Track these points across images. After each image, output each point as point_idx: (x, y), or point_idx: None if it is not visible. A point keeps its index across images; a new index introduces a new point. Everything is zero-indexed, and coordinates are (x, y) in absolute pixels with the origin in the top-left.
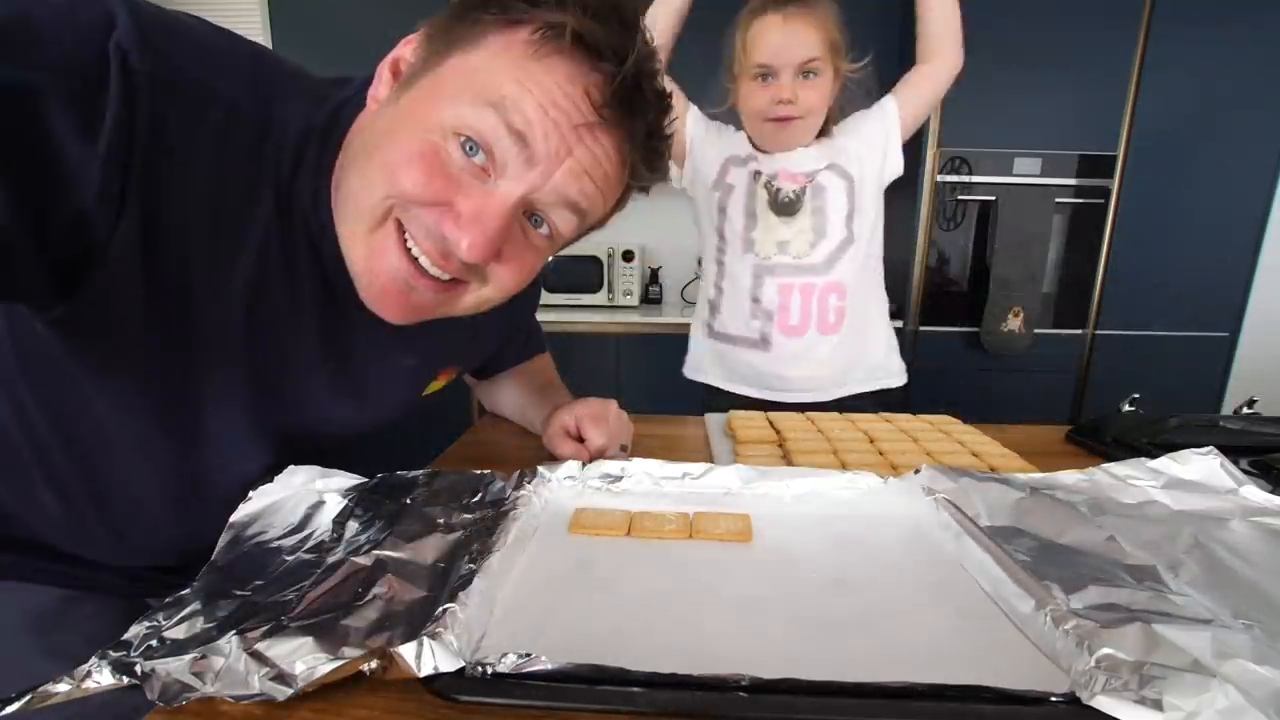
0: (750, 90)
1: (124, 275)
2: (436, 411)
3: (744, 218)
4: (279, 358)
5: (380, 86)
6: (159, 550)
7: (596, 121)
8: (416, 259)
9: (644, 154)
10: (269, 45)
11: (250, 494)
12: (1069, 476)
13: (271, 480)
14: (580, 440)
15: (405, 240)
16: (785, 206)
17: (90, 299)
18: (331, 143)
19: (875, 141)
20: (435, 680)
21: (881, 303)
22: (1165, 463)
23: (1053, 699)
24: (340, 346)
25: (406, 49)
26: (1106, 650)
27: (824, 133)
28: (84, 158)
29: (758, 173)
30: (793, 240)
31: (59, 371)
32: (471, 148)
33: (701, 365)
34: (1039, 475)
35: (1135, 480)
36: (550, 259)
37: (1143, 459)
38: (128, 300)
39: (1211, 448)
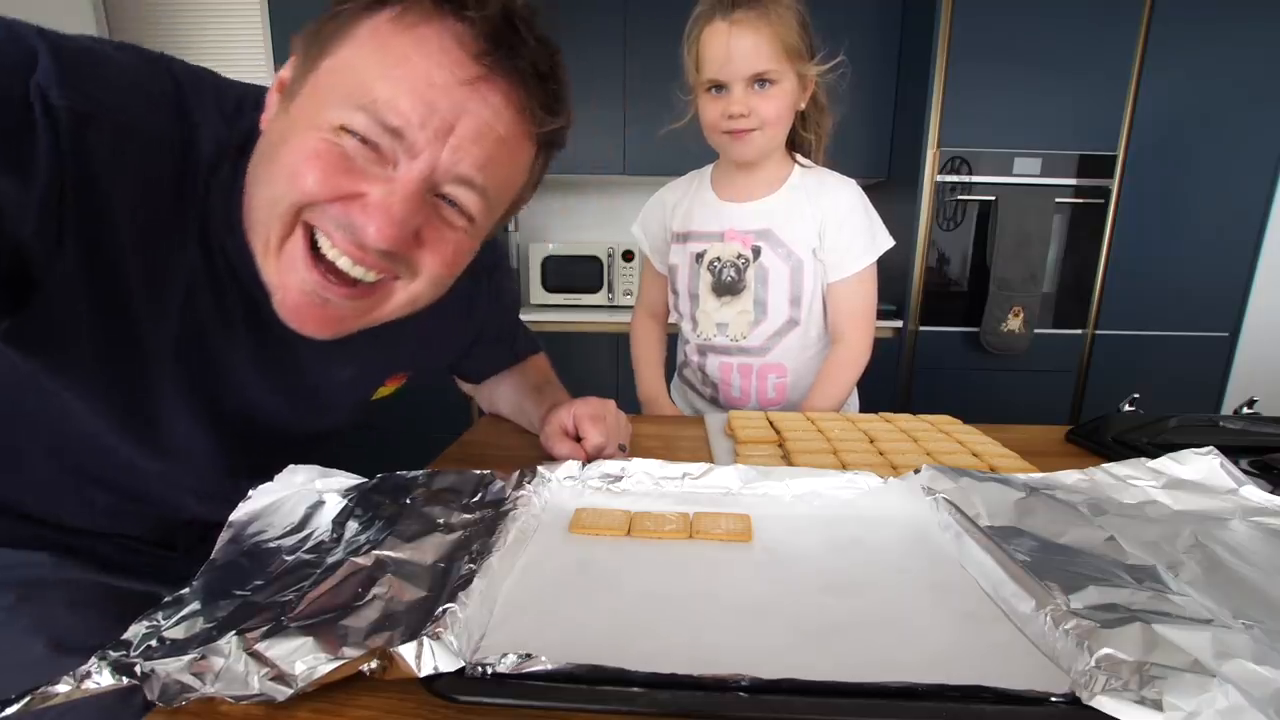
0: (705, 103)
1: (66, 298)
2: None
3: (688, 298)
4: (218, 375)
5: (269, 110)
6: (136, 526)
7: (480, 73)
8: (333, 263)
9: (540, 97)
10: (269, 46)
11: (250, 493)
12: (1069, 476)
13: (270, 480)
14: (578, 439)
15: (314, 248)
16: (727, 287)
17: (36, 316)
18: (243, 162)
19: (824, 243)
20: (435, 680)
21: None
22: (1165, 463)
23: (1053, 699)
24: (276, 361)
25: (286, 70)
26: (1106, 650)
27: (800, 147)
28: (16, 193)
29: (699, 254)
30: (731, 323)
31: (20, 375)
32: (363, 138)
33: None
34: (1039, 475)
35: (1135, 480)
36: (538, 261)
37: (1143, 459)
38: (72, 318)
39: (1211, 448)
